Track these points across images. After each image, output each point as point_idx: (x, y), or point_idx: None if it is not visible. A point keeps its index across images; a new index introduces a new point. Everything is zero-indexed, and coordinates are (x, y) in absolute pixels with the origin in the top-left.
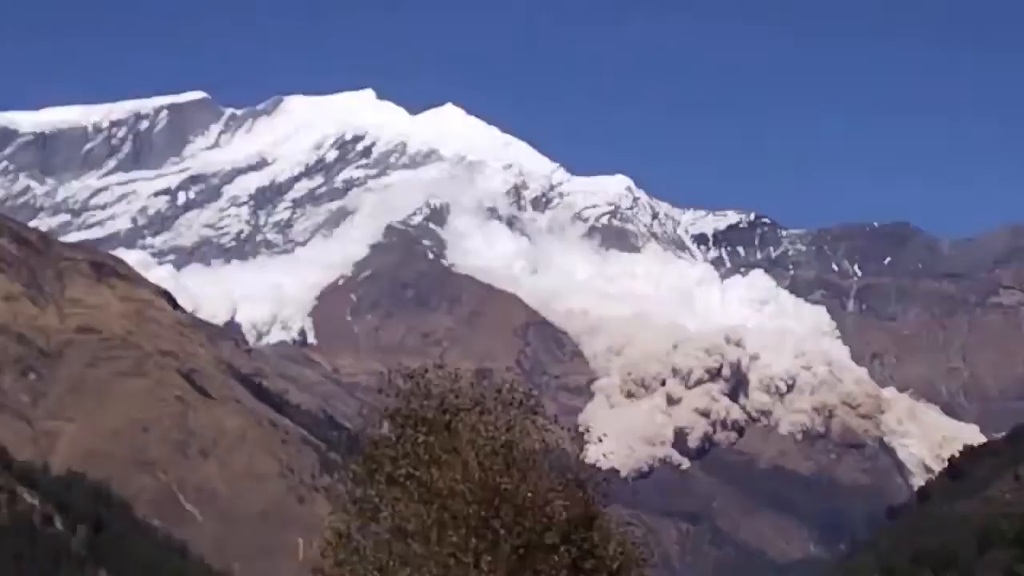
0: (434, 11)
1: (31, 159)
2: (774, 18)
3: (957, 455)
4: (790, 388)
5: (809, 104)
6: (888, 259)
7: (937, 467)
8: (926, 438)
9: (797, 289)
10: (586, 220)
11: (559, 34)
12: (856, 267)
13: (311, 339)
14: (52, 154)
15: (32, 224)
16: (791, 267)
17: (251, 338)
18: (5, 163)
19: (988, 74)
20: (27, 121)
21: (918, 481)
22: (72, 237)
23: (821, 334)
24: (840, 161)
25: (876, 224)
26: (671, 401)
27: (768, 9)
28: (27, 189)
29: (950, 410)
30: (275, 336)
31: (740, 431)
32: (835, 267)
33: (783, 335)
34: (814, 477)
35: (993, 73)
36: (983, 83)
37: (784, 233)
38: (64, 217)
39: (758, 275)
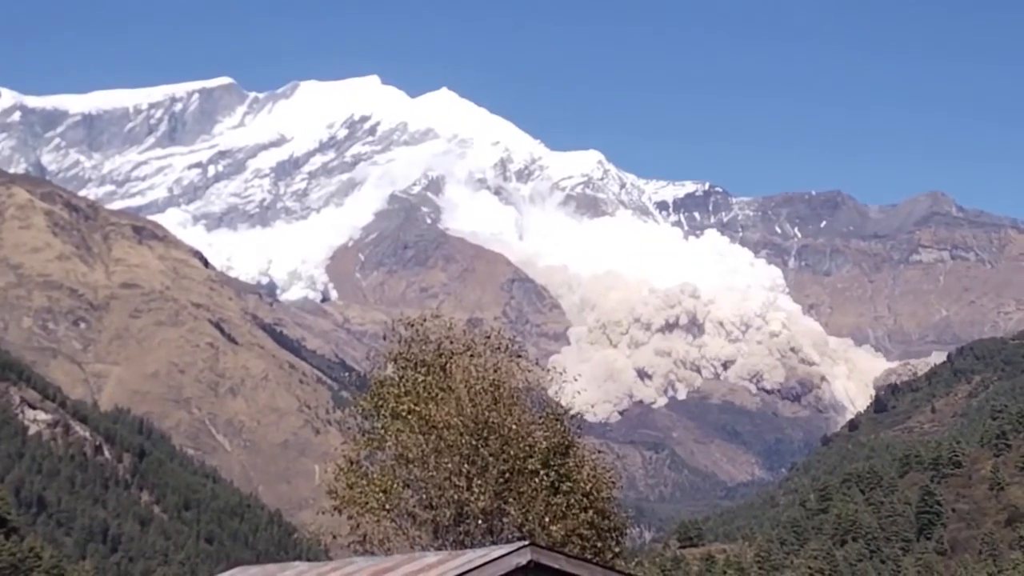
0: (431, 6)
1: (80, 137)
2: (727, 17)
3: (882, 391)
4: (742, 334)
5: (756, 88)
6: (824, 222)
7: (865, 402)
8: (856, 377)
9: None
10: (563, 189)
11: (540, 27)
12: (796, 229)
13: (326, 293)
14: (98, 132)
15: (81, 193)
16: (740, 230)
17: (271, 292)
18: (57, 140)
19: (909, 62)
20: (76, 103)
21: (848, 414)
22: (116, 205)
23: (769, 288)
24: (783, 137)
25: (813, 192)
26: (636, 346)
27: (722, 9)
28: (77, 163)
29: (876, 352)
30: (294, 290)
31: (697, 371)
32: (778, 229)
33: (736, 288)
34: (759, 411)
35: (914, 61)
36: (907, 71)
37: (734, 200)
38: (109, 187)
39: (714, 236)
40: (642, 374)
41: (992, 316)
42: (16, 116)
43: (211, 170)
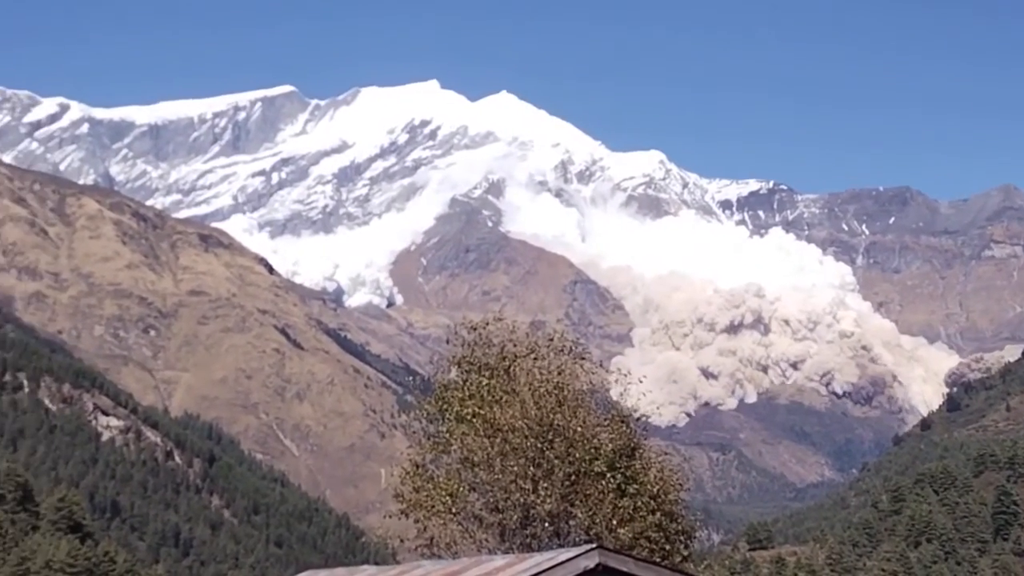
0: (490, 10)
1: (146, 147)
2: (791, 16)
3: (955, 389)
4: (810, 333)
5: (819, 86)
6: (892, 219)
7: (937, 401)
8: (928, 375)
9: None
10: (624, 190)
11: (599, 29)
12: (864, 226)
13: (390, 298)
14: (164, 142)
15: (149, 203)
16: (806, 228)
17: (335, 298)
18: (125, 151)
19: (979, 57)
20: (142, 115)
21: (920, 414)
22: (183, 213)
23: (838, 286)
24: (848, 134)
25: (881, 188)
26: (701, 346)
27: (788, 8)
28: (143, 173)
29: (949, 350)
30: (359, 295)
31: (764, 371)
32: (845, 227)
33: (803, 287)
34: (828, 411)
35: (983, 55)
36: (975, 66)
37: (799, 198)
38: (175, 196)
39: (780, 235)
40: (707, 375)
41: None
42: (85, 128)
43: (274, 177)
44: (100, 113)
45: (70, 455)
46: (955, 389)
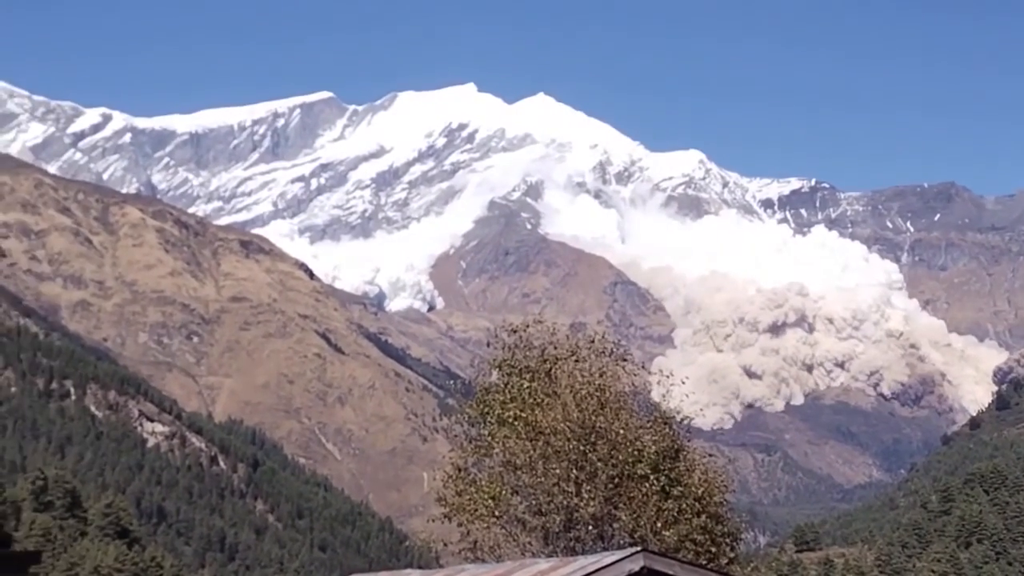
0: (526, 13)
1: (187, 155)
2: (831, 16)
3: (1004, 387)
4: (855, 332)
5: (860, 80)
6: (937, 215)
7: (987, 399)
8: (977, 373)
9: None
10: (664, 190)
11: (635, 29)
12: (908, 223)
13: (431, 301)
14: (204, 150)
15: (190, 210)
16: (849, 225)
17: (375, 302)
18: (166, 160)
19: (1021, 47)
20: (182, 123)
21: (969, 412)
22: (224, 220)
23: (884, 284)
24: (890, 130)
25: (925, 184)
26: (744, 346)
27: (823, 11)
28: (185, 181)
29: (999, 348)
30: (399, 300)
31: (808, 371)
32: (889, 224)
33: (848, 286)
34: (874, 411)
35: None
36: (1018, 56)
37: (842, 195)
38: (216, 203)
39: (823, 233)
40: (751, 375)
41: None
42: (127, 138)
43: (313, 183)
44: (142, 122)
45: (116, 461)
46: (1004, 387)
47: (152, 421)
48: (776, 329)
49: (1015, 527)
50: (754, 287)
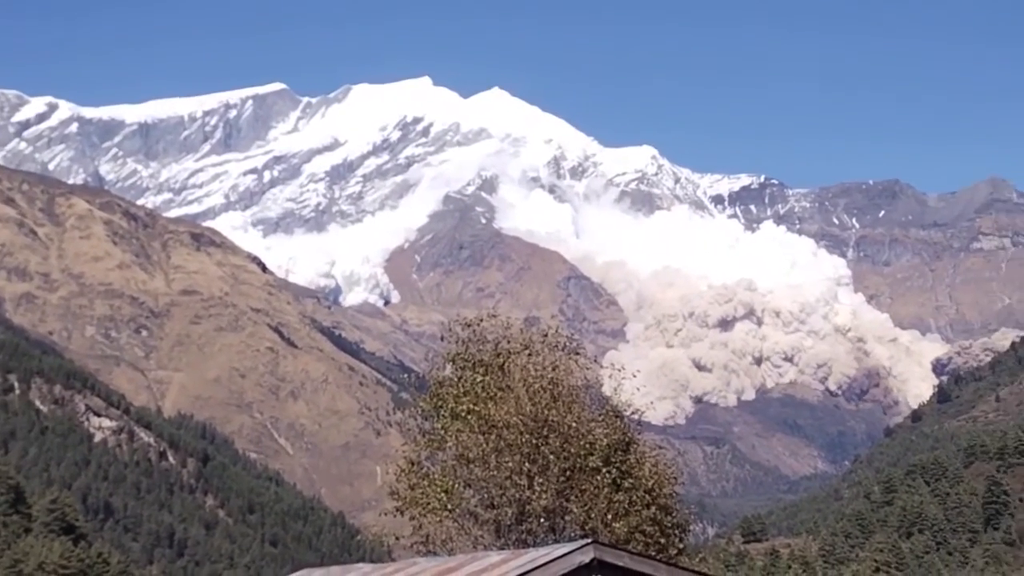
0: (481, 7)
1: (136, 146)
2: (777, 9)
3: (944, 379)
4: (802, 326)
5: (807, 79)
6: (882, 212)
7: (928, 392)
8: (919, 367)
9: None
10: (617, 185)
11: (590, 24)
12: (854, 220)
13: (386, 295)
14: (154, 141)
15: (139, 202)
16: (797, 222)
17: (330, 295)
18: (115, 150)
19: (966, 49)
20: (131, 113)
21: (912, 405)
22: (174, 212)
23: (831, 279)
24: (837, 127)
25: (871, 182)
26: (695, 341)
27: (768, 3)
28: (134, 172)
29: (940, 342)
30: (353, 293)
31: (757, 365)
32: (835, 220)
33: (797, 281)
34: (820, 404)
35: (971, 48)
36: (962, 56)
37: (790, 192)
38: (166, 195)
39: (772, 228)
40: (701, 369)
41: None
42: (74, 127)
43: (266, 176)
44: (89, 112)
45: (62, 456)
46: (945, 380)
47: (99, 416)
48: (726, 324)
49: (955, 517)
50: (705, 282)
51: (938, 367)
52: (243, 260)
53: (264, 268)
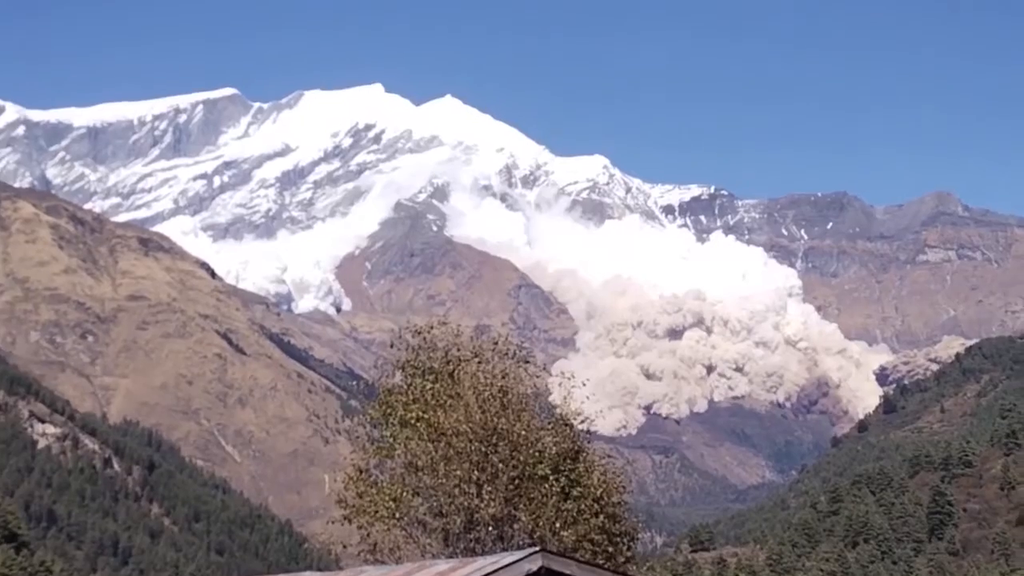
0: (434, 14)
1: (84, 149)
2: (728, 21)
3: (891, 392)
4: (749, 335)
5: (758, 90)
6: (830, 224)
7: (874, 403)
8: (865, 378)
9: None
10: (569, 195)
11: (543, 33)
12: (802, 231)
13: (338, 302)
14: (103, 145)
15: (87, 206)
16: (746, 232)
17: (280, 302)
18: (62, 154)
19: (913, 62)
20: (80, 117)
21: (859, 415)
22: (122, 217)
23: (782, 290)
24: (787, 139)
25: (819, 194)
26: (645, 350)
27: (723, 13)
28: (82, 176)
29: (887, 353)
30: (304, 300)
31: (706, 374)
32: (784, 232)
33: (747, 291)
34: (768, 414)
35: (917, 61)
36: (909, 69)
37: (740, 203)
38: (115, 200)
39: (723, 239)
40: (651, 378)
41: (1000, 315)
42: (20, 130)
43: (216, 181)
44: (36, 115)
45: (5, 463)
46: (891, 391)
47: (43, 422)
48: (676, 334)
49: (900, 527)
50: (656, 292)
51: (881, 376)
52: (192, 266)
53: (213, 274)
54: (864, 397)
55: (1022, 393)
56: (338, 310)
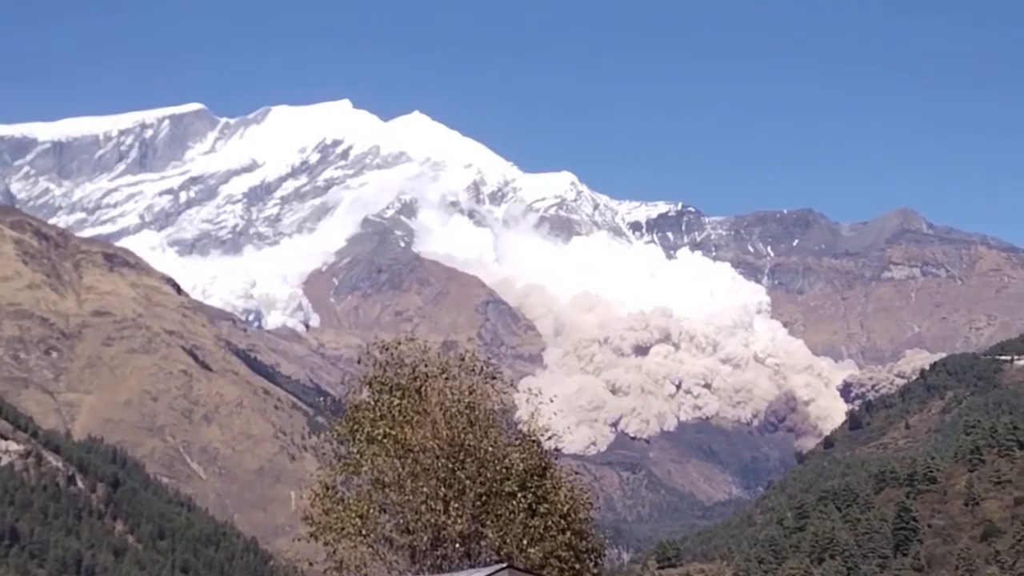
0: (402, 31)
1: (49, 164)
2: (694, 38)
3: (856, 408)
4: (715, 352)
5: (725, 108)
6: (796, 241)
7: (839, 419)
8: (829, 394)
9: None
10: (537, 211)
11: (511, 50)
12: (769, 248)
13: (306, 318)
14: (68, 160)
15: (51, 221)
16: (713, 249)
17: (247, 318)
18: (27, 168)
19: (878, 80)
20: (44, 131)
21: (825, 431)
22: (87, 232)
23: (749, 307)
24: (753, 156)
25: (785, 211)
26: (612, 366)
27: (689, 30)
28: (46, 191)
29: (854, 369)
30: (272, 316)
31: (674, 391)
32: (751, 248)
33: (714, 308)
34: (735, 430)
35: (883, 79)
36: (874, 88)
37: (707, 220)
38: (79, 215)
39: (690, 256)
40: (618, 395)
41: (964, 332)
42: None
43: (182, 196)
44: (1, 129)
45: None
46: (857, 407)
47: (6, 439)
48: (643, 350)
49: (865, 543)
50: (624, 309)
51: (845, 392)
52: (157, 281)
53: (179, 290)
54: (831, 413)
55: (986, 409)
56: (307, 327)
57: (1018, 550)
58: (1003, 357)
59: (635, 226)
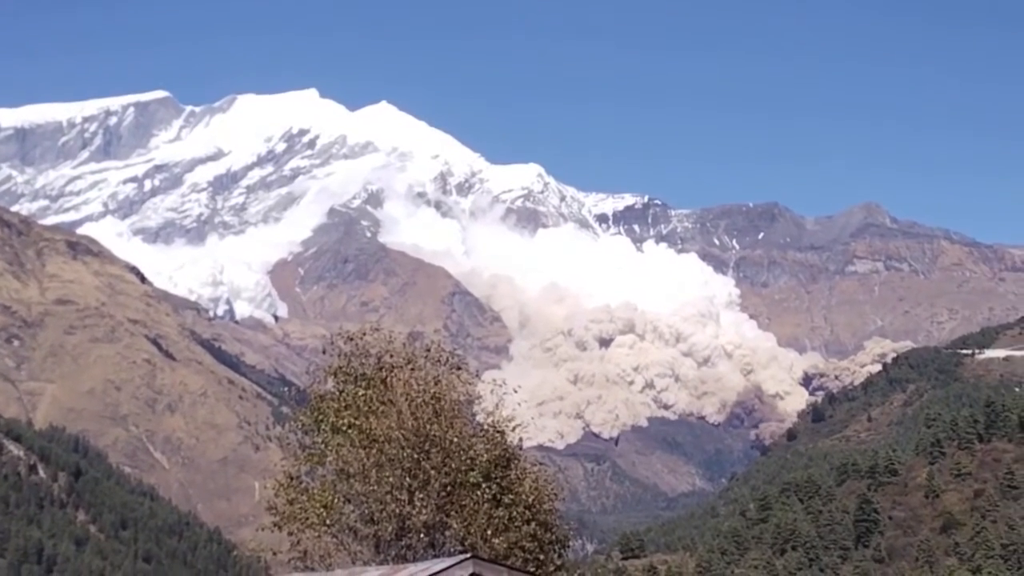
0: (369, 20)
1: (12, 151)
2: (662, 29)
3: (819, 400)
4: (678, 344)
5: (692, 100)
6: (761, 234)
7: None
8: (792, 386)
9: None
10: (503, 202)
11: (479, 41)
12: (734, 241)
13: (273, 308)
14: (31, 146)
15: (14, 209)
16: (680, 242)
17: (210, 308)
18: None
19: (842, 75)
20: (7, 117)
21: (788, 423)
22: (50, 220)
23: (714, 299)
24: (719, 149)
25: (751, 204)
26: (578, 358)
27: (657, 22)
28: (9, 178)
29: (813, 362)
30: (237, 305)
31: (640, 381)
32: (716, 241)
33: (680, 300)
34: (698, 422)
35: (847, 73)
36: (841, 82)
37: (673, 212)
38: (42, 202)
39: (656, 248)
40: (583, 386)
41: (926, 325)
42: None
43: (147, 184)
44: None
45: None
46: (819, 400)
47: None
48: (609, 343)
49: (827, 535)
50: (592, 301)
51: (807, 383)
52: (120, 270)
53: (143, 278)
54: (794, 406)
55: (947, 402)
56: (276, 319)
57: (977, 542)
58: (964, 351)
59: (602, 218)
